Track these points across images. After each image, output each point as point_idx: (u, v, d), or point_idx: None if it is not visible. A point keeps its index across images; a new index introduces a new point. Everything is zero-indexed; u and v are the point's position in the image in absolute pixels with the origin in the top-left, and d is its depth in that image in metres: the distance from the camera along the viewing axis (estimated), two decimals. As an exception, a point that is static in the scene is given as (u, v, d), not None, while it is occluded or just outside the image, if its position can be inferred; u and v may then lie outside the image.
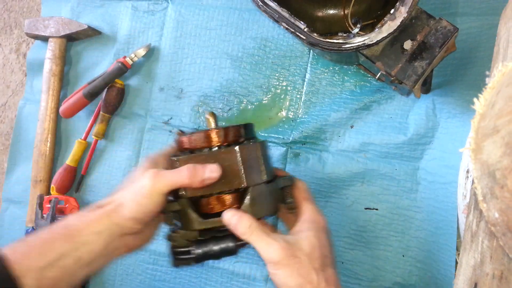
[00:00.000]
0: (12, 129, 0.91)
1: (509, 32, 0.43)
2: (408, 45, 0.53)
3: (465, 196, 0.52)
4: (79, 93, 0.79)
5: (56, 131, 0.84)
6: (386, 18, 0.51)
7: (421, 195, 0.63)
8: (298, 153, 0.70)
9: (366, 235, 0.65)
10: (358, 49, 0.52)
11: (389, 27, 0.51)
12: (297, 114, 0.71)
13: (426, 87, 0.60)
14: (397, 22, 0.50)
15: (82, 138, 0.81)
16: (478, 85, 0.40)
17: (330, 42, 0.53)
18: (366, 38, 0.51)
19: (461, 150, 0.40)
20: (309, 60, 0.71)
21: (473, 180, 0.38)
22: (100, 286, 0.78)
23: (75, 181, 0.82)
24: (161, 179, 0.47)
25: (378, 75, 0.57)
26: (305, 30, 0.54)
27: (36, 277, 0.42)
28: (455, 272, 0.44)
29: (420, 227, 0.62)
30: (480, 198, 0.37)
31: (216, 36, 0.76)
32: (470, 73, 0.60)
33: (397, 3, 0.51)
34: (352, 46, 0.52)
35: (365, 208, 0.66)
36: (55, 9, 0.89)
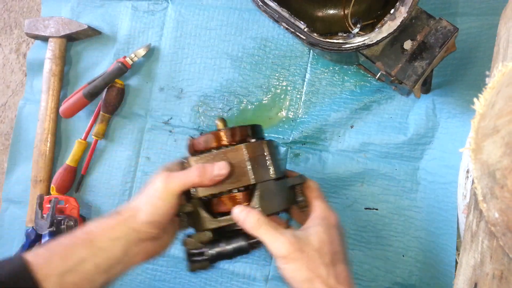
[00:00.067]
0: (12, 129, 0.91)
1: (509, 32, 0.43)
2: (408, 45, 0.53)
3: (465, 196, 0.52)
4: (79, 93, 0.79)
5: (56, 131, 0.84)
6: (386, 18, 0.51)
7: (421, 195, 0.63)
8: (298, 153, 0.70)
9: (366, 235, 0.65)
10: (358, 49, 0.52)
11: (389, 27, 0.51)
12: (297, 114, 0.71)
13: (426, 87, 0.60)
14: (397, 22, 0.50)
15: (82, 138, 0.81)
16: (478, 85, 0.41)
17: (330, 42, 0.53)
18: (366, 38, 0.51)
19: (461, 150, 0.40)
20: (309, 60, 0.71)
21: (473, 180, 0.38)
22: (100, 286, 0.78)
23: (75, 181, 0.82)
24: (173, 180, 0.48)
25: (378, 75, 0.57)
26: (305, 30, 0.54)
27: (57, 282, 0.43)
28: (455, 272, 0.44)
29: (420, 227, 0.62)
30: (480, 198, 0.38)
31: (216, 36, 0.76)
32: (470, 73, 0.60)
33: (397, 3, 0.51)
34: (352, 46, 0.52)
35: (365, 208, 0.66)
36: (55, 9, 0.89)
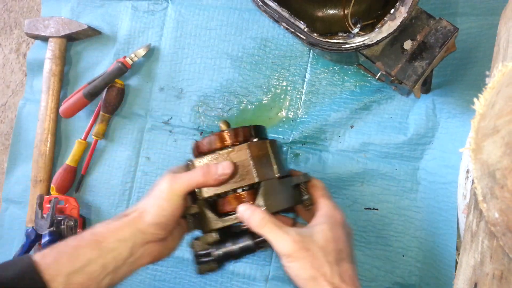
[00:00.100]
0: (12, 129, 0.91)
1: (509, 32, 0.43)
2: (408, 45, 0.53)
3: (465, 196, 0.52)
4: (79, 93, 0.79)
5: (56, 131, 0.84)
6: (386, 18, 0.51)
7: (421, 195, 0.63)
8: (298, 153, 0.70)
9: (366, 235, 0.65)
10: (358, 49, 0.52)
11: (389, 27, 0.51)
12: (297, 114, 0.71)
13: (426, 87, 0.60)
14: (397, 22, 0.50)
15: (82, 138, 0.81)
16: (478, 85, 0.41)
17: (330, 42, 0.53)
18: (366, 38, 0.51)
19: (461, 150, 0.40)
20: (309, 60, 0.71)
21: (473, 180, 0.38)
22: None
23: (75, 181, 0.82)
24: (177, 181, 0.49)
25: (378, 75, 0.57)
26: (305, 30, 0.54)
27: (64, 282, 0.44)
28: (455, 272, 0.44)
29: (420, 227, 0.62)
30: (480, 198, 0.37)
31: (216, 36, 0.76)
32: (470, 73, 0.60)
33: (397, 3, 0.50)
34: (352, 46, 0.52)
35: (365, 208, 0.66)
36: (55, 9, 0.89)
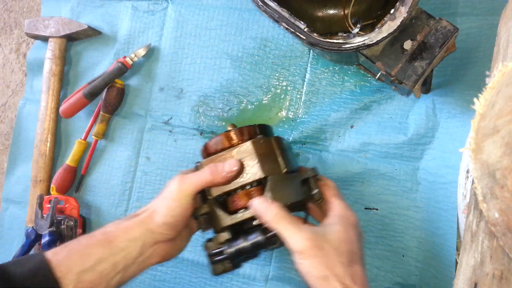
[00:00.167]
0: (12, 129, 0.91)
1: (509, 32, 0.43)
2: (408, 45, 0.53)
3: (465, 196, 0.52)
4: (79, 93, 0.79)
5: (56, 131, 0.84)
6: (386, 18, 0.51)
7: (421, 195, 0.63)
8: (298, 153, 0.70)
9: (366, 235, 0.65)
10: (358, 49, 0.52)
11: (389, 27, 0.51)
12: (297, 114, 0.71)
13: (426, 87, 0.60)
14: (397, 22, 0.50)
15: (82, 138, 0.81)
16: (478, 85, 0.41)
17: (330, 42, 0.53)
18: (366, 38, 0.51)
19: (461, 150, 0.40)
20: (309, 60, 0.71)
21: (473, 180, 0.38)
22: (100, 286, 0.78)
23: (75, 181, 0.82)
24: (186, 181, 0.50)
25: (378, 75, 0.57)
26: (305, 30, 0.54)
27: (75, 280, 0.45)
28: (455, 272, 0.44)
29: (420, 227, 0.62)
30: (480, 198, 0.37)
31: (216, 36, 0.76)
32: (470, 73, 0.60)
33: (397, 3, 0.50)
34: (352, 46, 0.52)
35: (365, 208, 0.66)
36: (55, 9, 0.89)
